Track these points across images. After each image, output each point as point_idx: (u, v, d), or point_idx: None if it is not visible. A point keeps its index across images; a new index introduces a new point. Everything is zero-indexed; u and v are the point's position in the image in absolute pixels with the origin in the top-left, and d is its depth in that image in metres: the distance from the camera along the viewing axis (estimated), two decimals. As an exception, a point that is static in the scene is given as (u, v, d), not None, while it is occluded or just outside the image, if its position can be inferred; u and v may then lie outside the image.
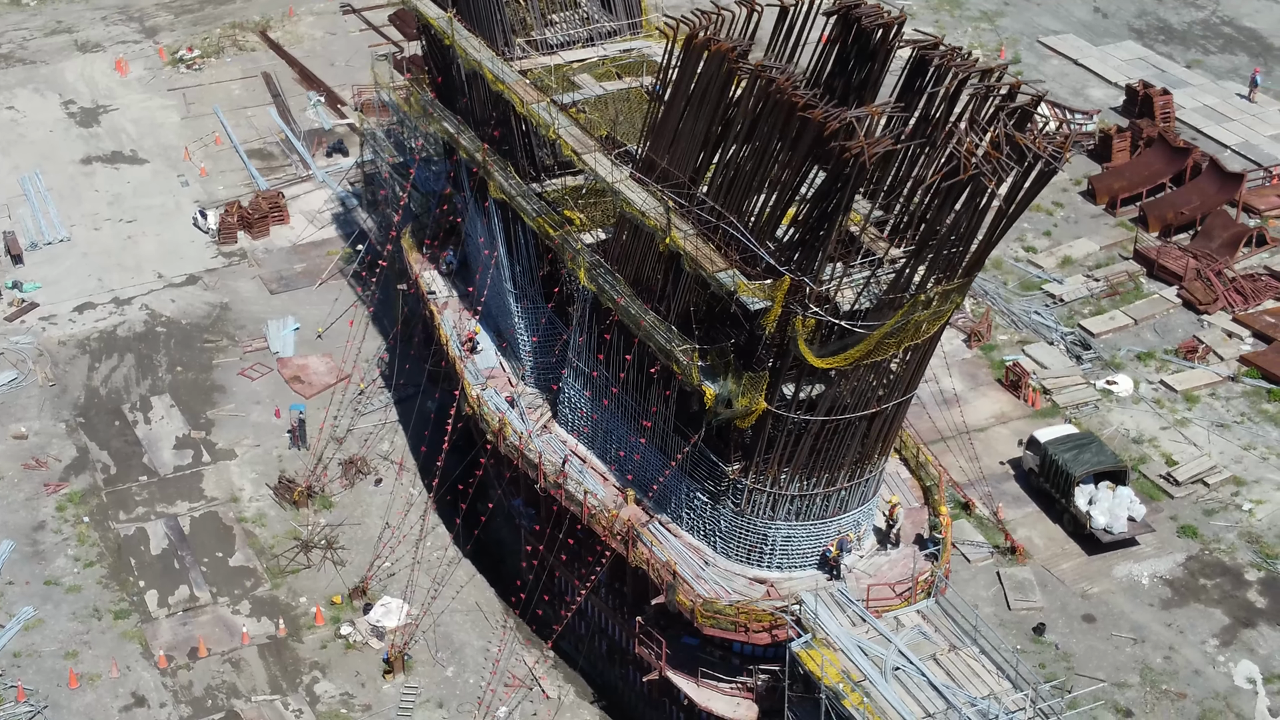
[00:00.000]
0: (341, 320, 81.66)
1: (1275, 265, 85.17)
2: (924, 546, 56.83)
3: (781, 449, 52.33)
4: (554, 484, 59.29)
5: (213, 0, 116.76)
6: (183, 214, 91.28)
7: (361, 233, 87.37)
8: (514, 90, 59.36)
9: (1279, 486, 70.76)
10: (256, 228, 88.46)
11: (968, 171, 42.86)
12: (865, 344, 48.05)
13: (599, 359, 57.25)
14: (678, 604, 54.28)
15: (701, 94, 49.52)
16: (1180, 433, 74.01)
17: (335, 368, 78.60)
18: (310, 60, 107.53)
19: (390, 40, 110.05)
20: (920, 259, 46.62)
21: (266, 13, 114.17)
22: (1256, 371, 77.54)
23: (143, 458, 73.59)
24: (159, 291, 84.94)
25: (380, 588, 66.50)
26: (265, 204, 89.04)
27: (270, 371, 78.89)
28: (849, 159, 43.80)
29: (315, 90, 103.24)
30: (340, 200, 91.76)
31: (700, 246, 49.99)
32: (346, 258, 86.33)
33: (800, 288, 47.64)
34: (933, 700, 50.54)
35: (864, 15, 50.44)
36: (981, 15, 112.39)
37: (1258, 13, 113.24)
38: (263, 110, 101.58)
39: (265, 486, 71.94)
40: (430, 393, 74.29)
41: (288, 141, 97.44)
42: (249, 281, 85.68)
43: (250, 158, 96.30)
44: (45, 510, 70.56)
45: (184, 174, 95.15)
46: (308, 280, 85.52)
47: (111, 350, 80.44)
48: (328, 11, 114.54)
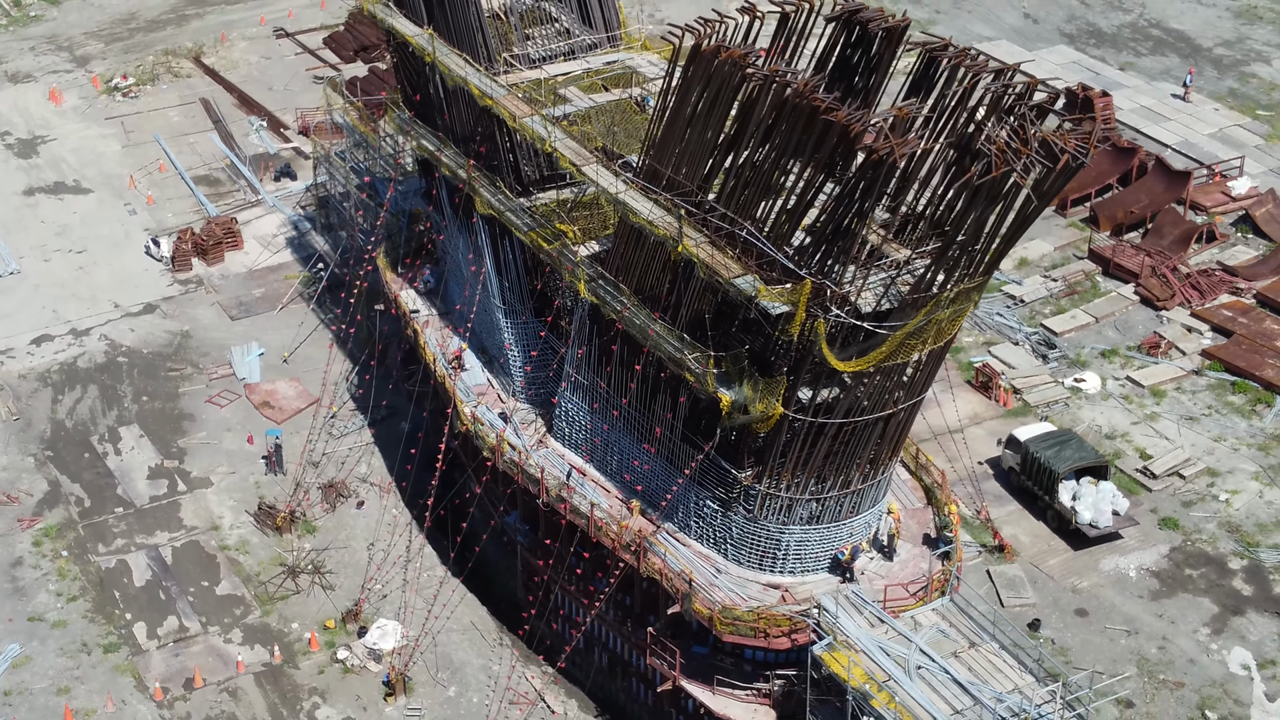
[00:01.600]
0: (307, 344, 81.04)
1: (1227, 260, 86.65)
2: (934, 546, 57.14)
3: (797, 453, 52.46)
4: (558, 498, 59.01)
5: (143, 28, 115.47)
6: (133, 242, 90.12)
7: (318, 256, 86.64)
8: (504, 105, 59.17)
9: (1252, 476, 71.89)
10: (211, 254, 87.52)
11: (999, 169, 43.28)
12: (889, 345, 48.33)
13: (606, 370, 57.02)
14: (694, 612, 54.21)
15: (712, 101, 49.59)
16: (1151, 427, 75.03)
17: (305, 392, 77.88)
18: (248, 85, 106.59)
19: (327, 63, 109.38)
20: (946, 258, 46.95)
21: (199, 39, 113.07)
22: (1219, 365, 78.78)
23: (117, 489, 72.52)
24: (117, 321, 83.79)
25: (373, 610, 65.91)
26: (219, 230, 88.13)
27: (238, 398, 78.03)
28: (878, 160, 44.07)
29: (256, 115, 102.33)
30: (293, 224, 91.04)
31: (714, 254, 50.04)
32: (306, 281, 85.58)
33: (821, 291, 47.82)
34: (959, 697, 50.85)
35: (870, 20, 50.76)
36: (914, 23, 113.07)
37: (1183, 14, 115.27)
38: (204, 136, 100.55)
39: (245, 513, 71.12)
40: (405, 414, 73.84)
41: (234, 167, 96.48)
42: (208, 308, 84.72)
43: (197, 184, 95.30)
44: (21, 546, 69.33)
45: (130, 202, 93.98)
46: (268, 305, 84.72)
47: (74, 382, 79.24)
48: (261, 36, 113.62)
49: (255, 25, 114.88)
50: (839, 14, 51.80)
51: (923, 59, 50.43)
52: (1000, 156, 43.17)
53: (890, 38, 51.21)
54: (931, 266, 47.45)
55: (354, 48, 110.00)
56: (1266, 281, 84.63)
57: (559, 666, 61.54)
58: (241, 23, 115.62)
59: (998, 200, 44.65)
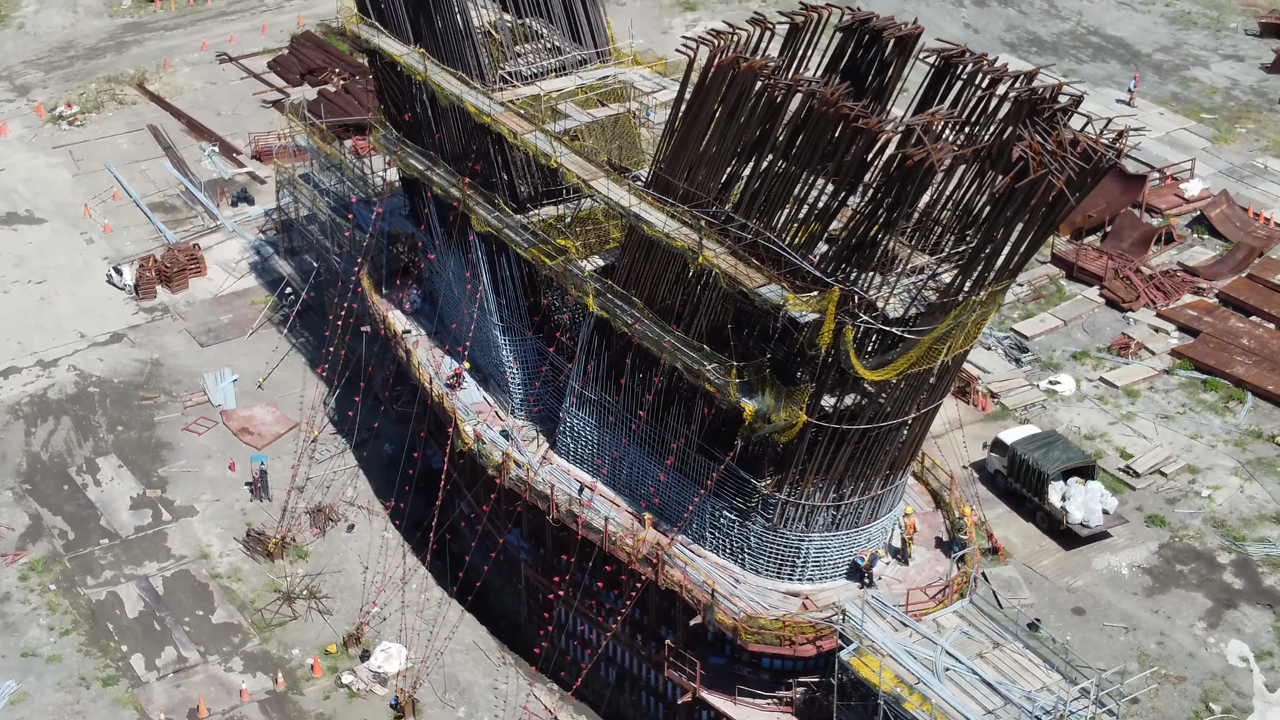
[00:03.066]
0: (280, 369, 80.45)
1: (1186, 260, 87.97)
2: (947, 549, 57.60)
3: (819, 460, 52.72)
4: (569, 514, 58.91)
5: (82, 55, 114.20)
6: (93, 271, 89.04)
7: (286, 280, 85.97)
8: (503, 122, 59.10)
9: (1232, 471, 73.00)
10: (176, 281, 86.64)
11: (1037, 172, 43.80)
12: (916, 350, 48.71)
13: (616, 384, 57.00)
14: (718, 623, 54.28)
15: (731, 112, 49.81)
16: (1129, 426, 76.00)
17: (283, 417, 77.28)
18: (195, 111, 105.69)
19: (274, 87, 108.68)
20: (976, 261, 47.43)
21: (140, 65, 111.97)
22: (1189, 363, 79.96)
23: (100, 520, 71.56)
24: (84, 351, 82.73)
25: (374, 634, 65.44)
26: (183, 257, 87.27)
27: (215, 425, 77.26)
28: (913, 166, 44.47)
29: (207, 140, 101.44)
30: (255, 249, 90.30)
31: (736, 264, 50.23)
32: (273, 306, 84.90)
33: (849, 298, 48.14)
34: (989, 698, 51.25)
35: (882, 28, 51.23)
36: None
37: (1119, 21, 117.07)
38: (156, 163, 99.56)
39: (234, 540, 70.42)
40: (388, 435, 73.43)
41: (189, 193, 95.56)
42: (176, 336, 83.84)
43: (153, 211, 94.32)
44: (8, 581, 68.24)
45: (86, 231, 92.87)
46: (237, 331, 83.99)
47: (45, 414, 78.13)
48: (203, 62, 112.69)
49: (196, 51, 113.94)
50: (849, 23, 52.16)
51: (938, 65, 50.84)
52: (1037, 159, 43.69)
53: (902, 46, 51.60)
54: (962, 270, 47.88)
55: (299, 71, 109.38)
56: (1227, 281, 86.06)
57: (576, 687, 61.16)
58: (182, 48, 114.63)
59: (1034, 203, 45.14)
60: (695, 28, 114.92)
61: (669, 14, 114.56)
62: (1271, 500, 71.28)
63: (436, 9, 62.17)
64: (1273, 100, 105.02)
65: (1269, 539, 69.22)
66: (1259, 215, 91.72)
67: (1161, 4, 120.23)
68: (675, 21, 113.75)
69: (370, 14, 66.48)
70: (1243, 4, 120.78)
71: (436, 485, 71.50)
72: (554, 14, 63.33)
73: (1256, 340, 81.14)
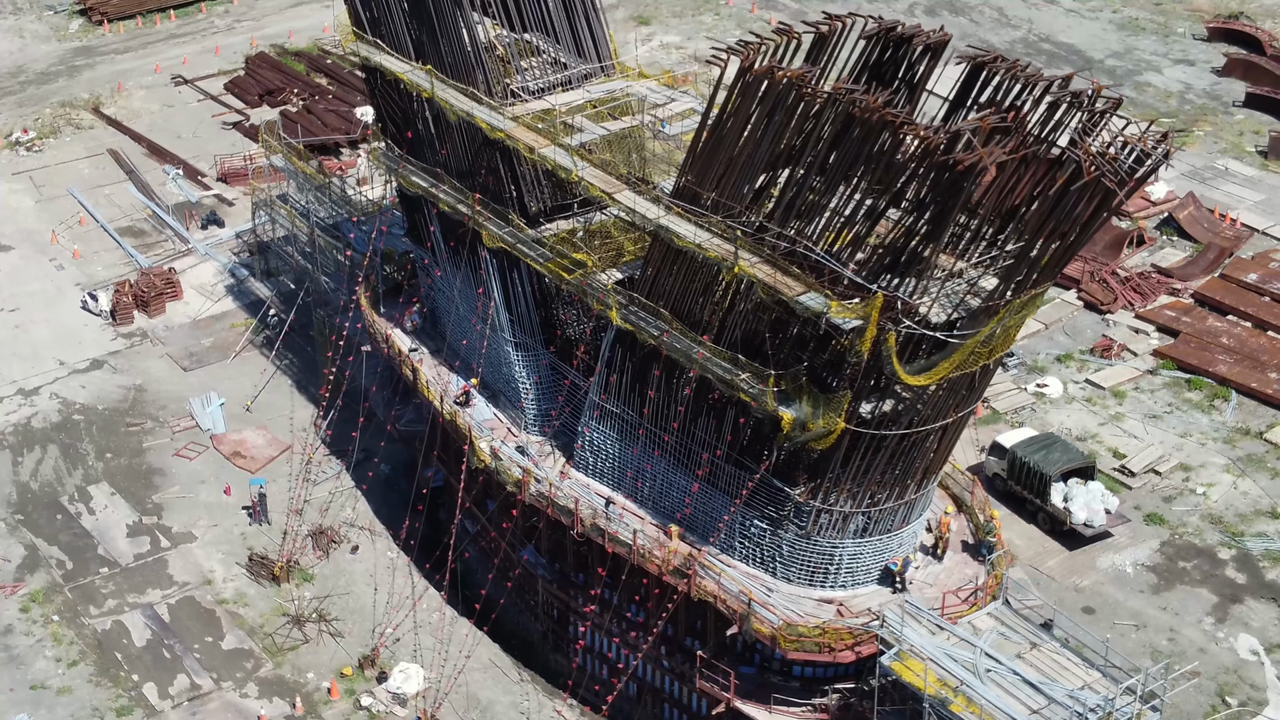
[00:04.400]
0: (267, 391, 79.82)
1: (1159, 262, 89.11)
2: (975, 552, 58.00)
3: (856, 467, 52.94)
4: (594, 528, 58.77)
5: (33, 80, 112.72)
6: (66, 298, 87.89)
7: (269, 303, 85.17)
8: (518, 138, 58.97)
9: (1224, 469, 74.00)
10: (153, 306, 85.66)
11: (1090, 175, 44.28)
12: (959, 354, 49.03)
13: (641, 396, 56.90)
14: (755, 632, 54.32)
15: (766, 121, 49.98)
16: (1119, 427, 76.88)
17: (275, 439, 76.64)
18: (155, 134, 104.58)
19: (233, 109, 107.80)
20: (1022, 264, 47.85)
21: (94, 89, 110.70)
22: (1172, 363, 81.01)
23: (98, 549, 70.62)
24: (65, 379, 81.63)
25: (388, 654, 64.97)
26: (159, 281, 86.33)
27: (206, 449, 76.47)
28: (964, 170, 44.83)
29: (171, 163, 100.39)
30: (230, 272, 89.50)
31: (772, 273, 50.37)
32: (254, 328, 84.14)
33: (892, 304, 48.41)
34: (1032, 698, 51.61)
35: (911, 35, 51.64)
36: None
37: (1070, 29, 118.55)
38: (119, 188, 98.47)
39: (236, 565, 69.71)
40: (384, 456, 72.95)
41: (157, 217, 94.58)
42: (158, 361, 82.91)
43: (121, 236, 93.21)
44: (9, 613, 67.19)
45: (55, 257, 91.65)
46: (219, 354, 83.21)
47: (31, 443, 77.02)
48: (158, 85, 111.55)
49: (150, 74, 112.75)
50: (875, 32, 52.51)
51: (968, 70, 51.33)
52: (1089, 161, 44.18)
53: (930, 52, 52.02)
54: (1006, 274, 48.29)
55: (257, 92, 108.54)
56: (1200, 281, 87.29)
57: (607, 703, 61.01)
58: (135, 71, 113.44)
59: (1087, 205, 45.64)
60: (650, 42, 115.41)
61: (624, 28, 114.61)
62: (1265, 496, 72.30)
63: (441, 25, 61.92)
64: (1227, 103, 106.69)
65: (1267, 534, 70.22)
66: (1224, 216, 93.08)
67: (1109, 11, 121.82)
68: (630, 35, 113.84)
69: (368, 32, 66.00)
70: (1187, 10, 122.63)
71: (435, 504, 71.43)
72: (558, 28, 63.15)
73: (1235, 339, 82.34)
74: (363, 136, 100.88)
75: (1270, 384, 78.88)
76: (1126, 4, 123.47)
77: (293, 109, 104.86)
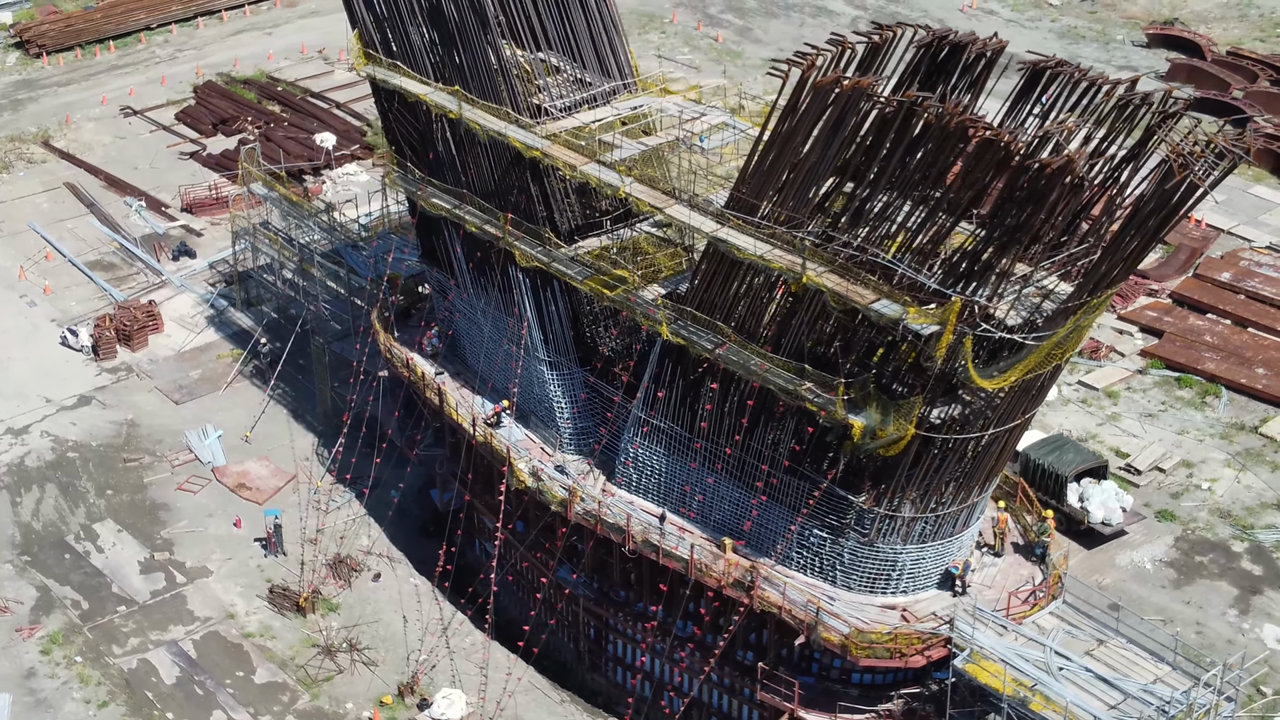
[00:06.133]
0: (263, 421, 78.90)
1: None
2: (1027, 552, 58.60)
3: (923, 472, 53.29)
4: (647, 544, 58.64)
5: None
6: (43, 334, 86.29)
7: (256, 332, 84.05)
8: (555, 156, 58.83)
9: (1224, 463, 75.35)
10: (136, 339, 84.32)
11: (1181, 175, 45.02)
12: (1034, 356, 49.58)
13: (706, 409, 56.89)
14: (824, 641, 54.44)
15: (833, 131, 50.27)
16: (1117, 427, 78.03)
17: (279, 469, 75.76)
18: (110, 166, 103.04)
19: (187, 139, 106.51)
20: (1102, 266, 48.51)
21: (40, 123, 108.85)
22: (1160, 363, 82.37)
23: (112, 587, 69.35)
24: (54, 416, 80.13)
25: (428, 681, 64.39)
26: (140, 314, 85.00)
27: (210, 482, 75.39)
28: (1052, 175, 45.40)
29: (132, 196, 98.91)
30: (209, 303, 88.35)
31: (841, 281, 50.65)
32: (241, 359, 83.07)
33: (969, 308, 48.85)
34: (1107, 693, 52.18)
35: (967, 42, 52.24)
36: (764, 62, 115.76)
37: (1012, 39, 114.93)
38: (81, 221, 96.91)
39: (257, 598, 68.77)
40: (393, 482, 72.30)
41: (126, 250, 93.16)
42: (147, 395, 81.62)
43: (92, 270, 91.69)
44: (29, 657, 65.79)
45: (26, 294, 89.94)
46: (210, 386, 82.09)
47: (28, 482, 75.49)
48: (107, 116, 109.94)
49: (97, 105, 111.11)
50: (929, 40, 53.04)
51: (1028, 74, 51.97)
52: (1179, 161, 44.94)
53: (986, 59, 52.63)
54: (1086, 275, 48.95)
55: (211, 121, 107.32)
56: (1177, 281, 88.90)
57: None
58: (81, 104, 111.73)
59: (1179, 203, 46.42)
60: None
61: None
62: (1269, 489, 73.69)
63: (464, 45, 61.62)
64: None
65: (1276, 525, 71.52)
66: (1189, 218, 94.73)
67: (1048, 20, 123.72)
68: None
69: (381, 53, 65.47)
70: (1122, 18, 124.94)
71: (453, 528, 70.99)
72: (581, 45, 63.06)
73: (1218, 336, 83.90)
74: (326, 163, 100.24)
75: (1258, 379, 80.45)
76: (1064, 13, 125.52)
77: (251, 137, 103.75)
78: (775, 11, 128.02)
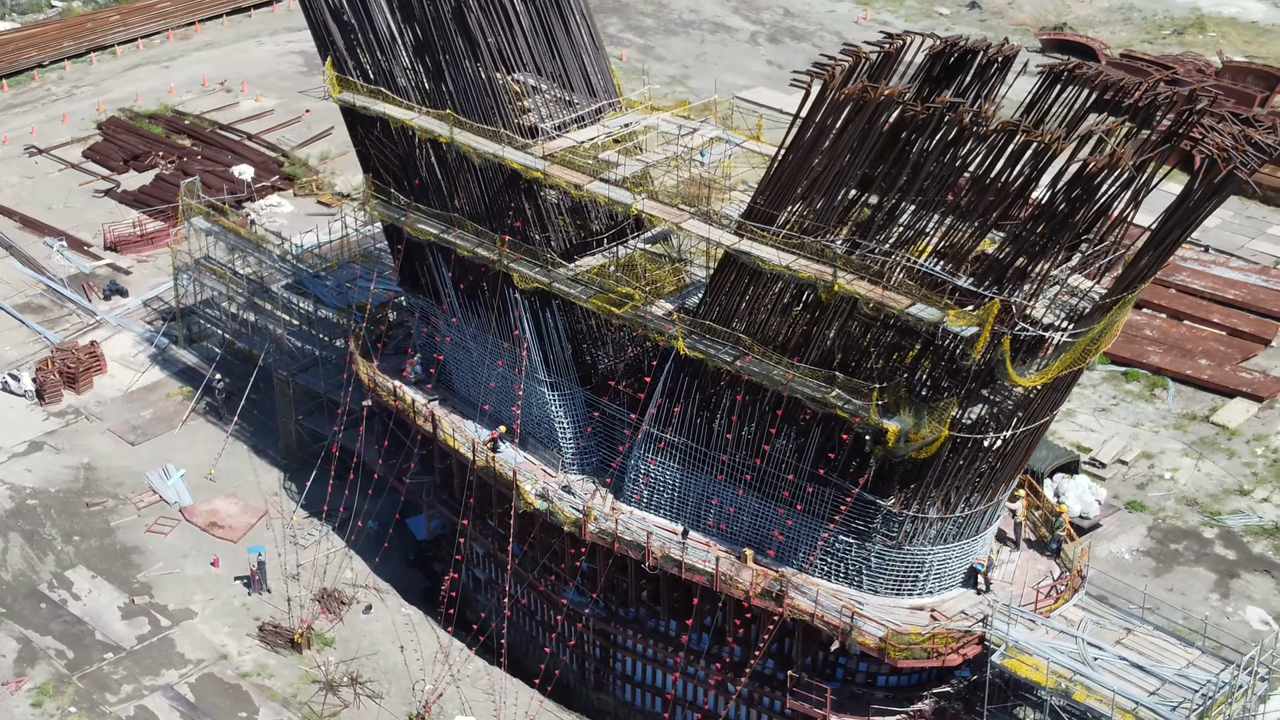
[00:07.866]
0: (225, 457, 77.64)
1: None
2: (1040, 547, 59.65)
3: (955, 473, 54.02)
4: (668, 559, 58.73)
5: None
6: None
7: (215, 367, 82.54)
8: (557, 176, 58.80)
9: (1182, 453, 77.31)
10: (81, 381, 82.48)
11: (1225, 168, 46.21)
12: (1071, 353, 50.56)
13: (730, 421, 57.12)
14: (860, 645, 54.93)
15: (859, 140, 50.90)
16: (1074, 422, 79.65)
17: (249, 506, 74.59)
18: (23, 206, 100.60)
19: (98, 176, 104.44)
20: (1140, 259, 49.63)
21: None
22: (1105, 358, 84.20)
23: (95, 635, 67.73)
24: (6, 464, 78.03)
25: (438, 711, 63.84)
26: (84, 356, 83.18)
27: (180, 523, 74.01)
28: (1096, 172, 46.41)
29: (50, 235, 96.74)
30: (149, 341, 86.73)
31: (873, 288, 51.28)
32: (196, 396, 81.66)
33: (1007, 309, 49.70)
34: (1144, 680, 53.29)
35: (980, 49, 53.19)
36: (671, 79, 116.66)
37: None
38: (2, 263, 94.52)
39: (248, 637, 67.66)
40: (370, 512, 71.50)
41: (55, 291, 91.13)
42: (100, 437, 79.87)
43: (21, 313, 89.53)
44: (19, 710, 64.03)
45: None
46: (164, 425, 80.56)
47: (-11, 532, 73.65)
48: (10, 156, 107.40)
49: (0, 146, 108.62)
50: (941, 47, 53.91)
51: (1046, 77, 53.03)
52: (1222, 155, 46.15)
53: (1000, 65, 53.62)
54: (1127, 270, 50.05)
55: (121, 157, 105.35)
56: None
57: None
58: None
59: (1217, 196, 47.65)
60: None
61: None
62: (1228, 475, 75.74)
63: (452, 68, 61.36)
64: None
65: (1241, 510, 73.53)
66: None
67: (940, 29, 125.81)
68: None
69: (357, 78, 64.87)
70: (1012, 24, 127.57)
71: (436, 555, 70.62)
72: (566, 65, 63.07)
73: (1158, 330, 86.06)
74: (249, 195, 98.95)
75: (1202, 370, 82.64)
76: (955, 21, 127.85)
77: (167, 172, 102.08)
78: (674, 29, 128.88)
